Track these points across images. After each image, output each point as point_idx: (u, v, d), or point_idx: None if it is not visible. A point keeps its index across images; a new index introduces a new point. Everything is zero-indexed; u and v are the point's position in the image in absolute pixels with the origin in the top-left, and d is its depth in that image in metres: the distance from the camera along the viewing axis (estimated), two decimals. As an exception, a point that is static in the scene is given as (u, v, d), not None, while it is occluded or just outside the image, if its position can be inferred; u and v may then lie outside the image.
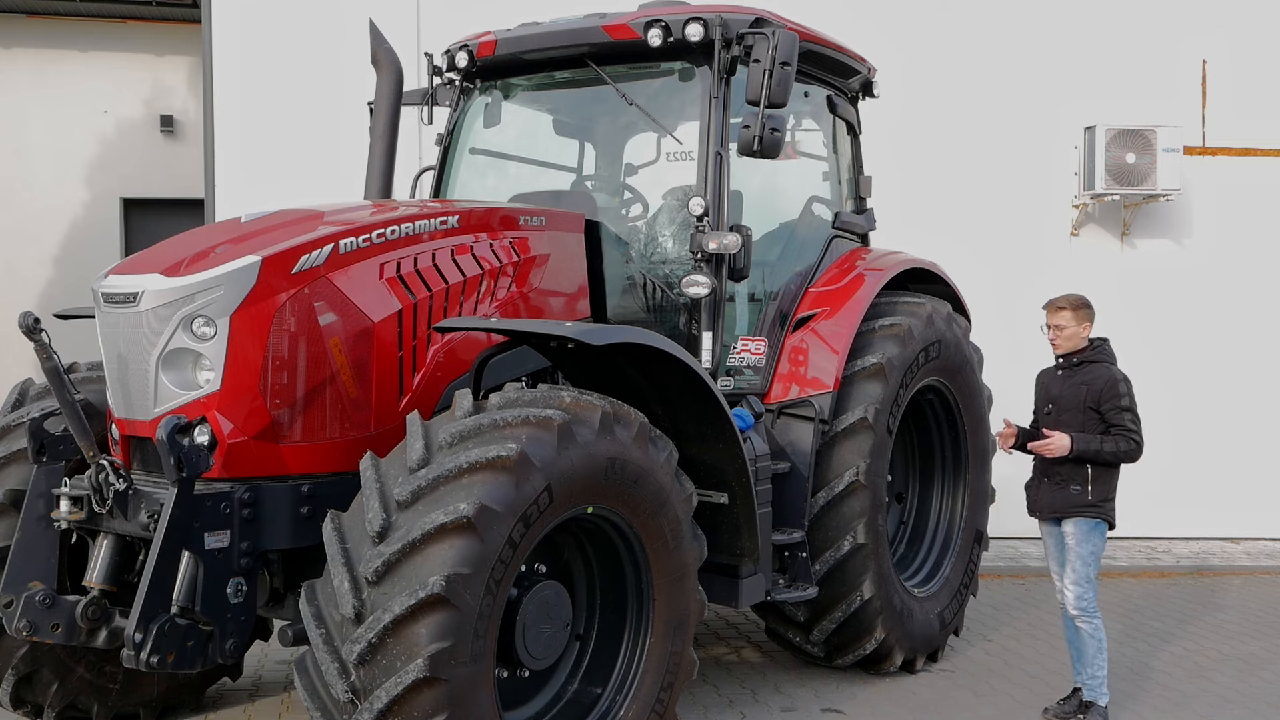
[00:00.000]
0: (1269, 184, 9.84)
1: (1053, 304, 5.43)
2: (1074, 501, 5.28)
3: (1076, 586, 5.29)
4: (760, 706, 5.61)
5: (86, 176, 12.02)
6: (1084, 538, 5.27)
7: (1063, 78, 9.57)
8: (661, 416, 4.73)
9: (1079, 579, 5.28)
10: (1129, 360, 5.62)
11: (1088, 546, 5.28)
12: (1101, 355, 5.40)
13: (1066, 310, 5.36)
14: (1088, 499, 5.26)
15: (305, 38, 9.06)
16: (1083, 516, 5.28)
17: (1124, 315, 8.79)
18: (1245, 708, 5.76)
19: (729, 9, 5.32)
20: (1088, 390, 5.29)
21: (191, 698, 5.32)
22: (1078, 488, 5.27)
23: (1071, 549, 5.31)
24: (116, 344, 4.23)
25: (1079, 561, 5.28)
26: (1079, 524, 5.29)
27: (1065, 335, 5.37)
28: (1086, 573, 5.28)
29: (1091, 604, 5.29)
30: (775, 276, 6.02)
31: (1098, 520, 5.28)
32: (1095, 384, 5.29)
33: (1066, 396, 5.37)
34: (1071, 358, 5.40)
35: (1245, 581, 8.65)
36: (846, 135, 6.55)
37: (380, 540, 3.56)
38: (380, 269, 4.55)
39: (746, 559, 5.01)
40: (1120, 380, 5.28)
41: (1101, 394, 5.25)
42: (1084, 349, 5.39)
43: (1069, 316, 5.35)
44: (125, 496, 4.08)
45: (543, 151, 6.35)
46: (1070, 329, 5.36)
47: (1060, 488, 5.32)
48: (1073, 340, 5.37)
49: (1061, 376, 5.44)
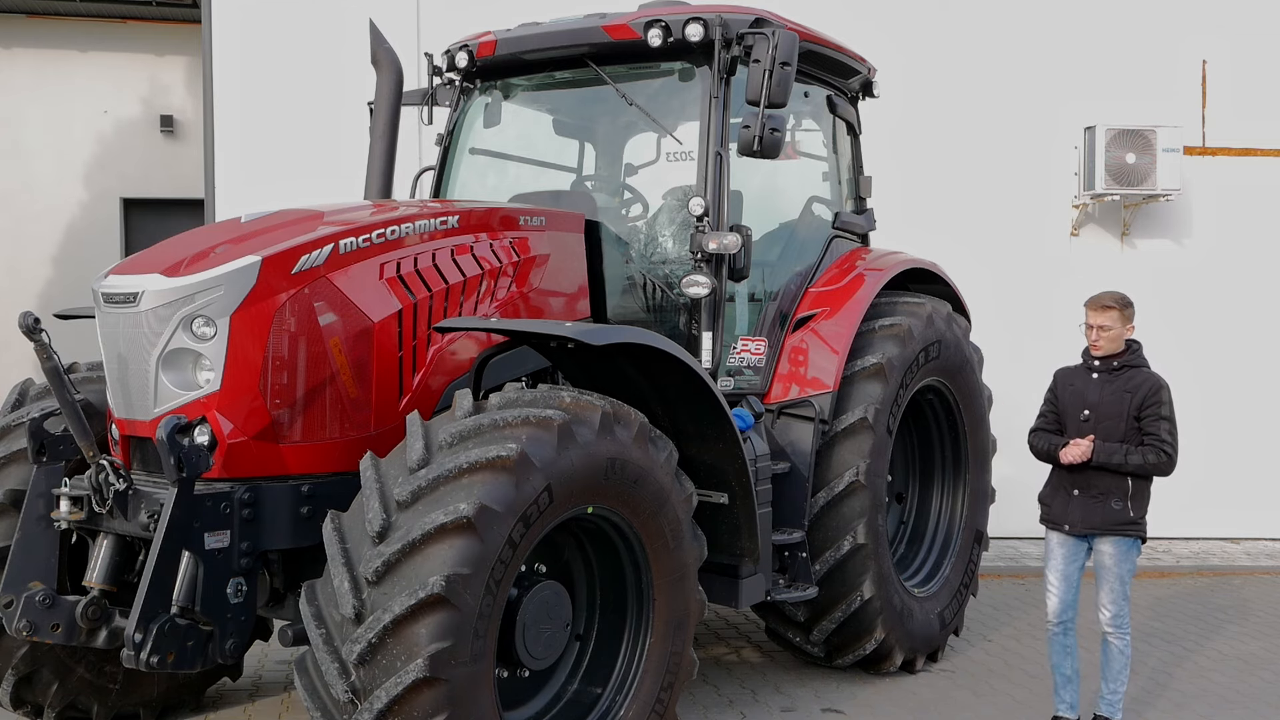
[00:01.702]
0: (1269, 184, 9.84)
1: (1097, 302, 5.07)
2: (1115, 519, 5.00)
3: (1114, 605, 5.06)
4: (760, 706, 5.61)
5: (86, 177, 12.02)
6: (1123, 557, 5.03)
7: (1063, 78, 9.57)
8: (661, 416, 4.73)
9: (1117, 597, 5.05)
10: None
11: (1126, 565, 5.04)
12: (1140, 359, 5.09)
13: (1114, 310, 5.02)
14: (1129, 516, 4.98)
15: (305, 38, 9.05)
16: (1123, 535, 5.02)
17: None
18: (1245, 708, 5.77)
19: (729, 9, 5.32)
20: (1132, 398, 4.98)
21: (191, 698, 5.32)
22: (1119, 504, 4.98)
23: (1109, 569, 5.05)
24: (116, 344, 4.23)
25: (1118, 581, 5.04)
26: (1118, 543, 5.02)
27: (1109, 336, 5.03)
28: (1125, 590, 5.05)
29: (1126, 620, 5.09)
30: (775, 276, 6.02)
31: (1135, 538, 5.04)
32: (1139, 391, 4.98)
33: (1108, 403, 5.03)
34: (1111, 361, 5.07)
35: (1245, 581, 8.65)
36: (846, 135, 6.55)
37: (380, 540, 3.56)
38: (380, 269, 4.55)
39: (746, 559, 5.01)
40: (1163, 387, 4.99)
41: (1145, 400, 4.96)
42: (1123, 352, 5.07)
43: (1115, 316, 5.02)
44: (125, 496, 4.08)
45: (543, 151, 6.35)
46: (1115, 330, 5.03)
47: (1098, 502, 5.01)
48: (1115, 342, 5.05)
49: (1099, 381, 5.09)
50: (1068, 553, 5.16)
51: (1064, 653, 5.24)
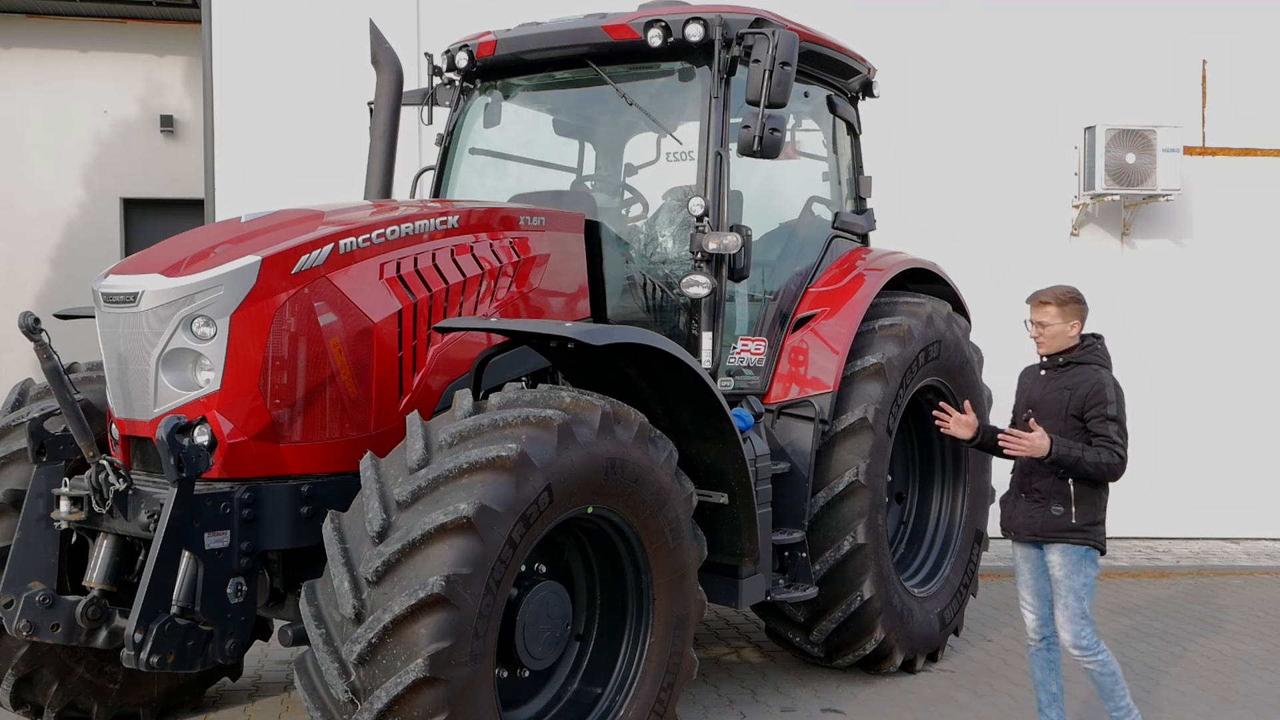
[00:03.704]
0: (1269, 184, 9.85)
1: (1035, 298, 4.79)
2: (1055, 525, 4.63)
3: (1072, 625, 4.61)
4: (760, 706, 5.61)
5: (86, 176, 12.01)
6: (1073, 569, 4.62)
7: (1063, 78, 9.57)
8: (661, 416, 4.73)
9: (1073, 615, 4.61)
10: (1127, 361, 5.47)
11: (1079, 579, 4.62)
12: (1092, 356, 4.74)
13: (1051, 305, 4.72)
14: (1071, 522, 4.60)
15: (305, 38, 9.05)
16: (1068, 543, 4.62)
17: (1124, 315, 8.79)
18: (1245, 708, 5.76)
19: (729, 9, 5.32)
20: (1071, 395, 4.65)
21: (191, 698, 5.32)
22: (1059, 509, 4.62)
23: (1060, 582, 4.65)
24: (116, 344, 4.23)
25: (1071, 597, 4.62)
26: (1066, 553, 4.63)
27: (1049, 334, 4.73)
28: (1081, 608, 4.61)
29: (1091, 639, 4.63)
30: (775, 276, 6.02)
31: (1086, 547, 4.63)
32: (1080, 388, 4.64)
33: (1047, 401, 4.72)
34: (1057, 357, 4.77)
35: (1245, 581, 8.65)
36: (846, 135, 6.55)
37: (380, 540, 3.56)
38: (380, 269, 4.55)
39: (746, 559, 5.00)
40: (1108, 385, 4.62)
41: (1086, 400, 4.61)
42: (1073, 348, 4.75)
43: (1053, 313, 4.71)
44: (125, 496, 4.08)
45: (543, 151, 6.35)
46: (1055, 327, 4.72)
47: (1039, 506, 4.68)
48: (1058, 340, 4.73)
49: (1044, 378, 4.81)
50: (1032, 565, 4.82)
51: (1048, 668, 4.93)
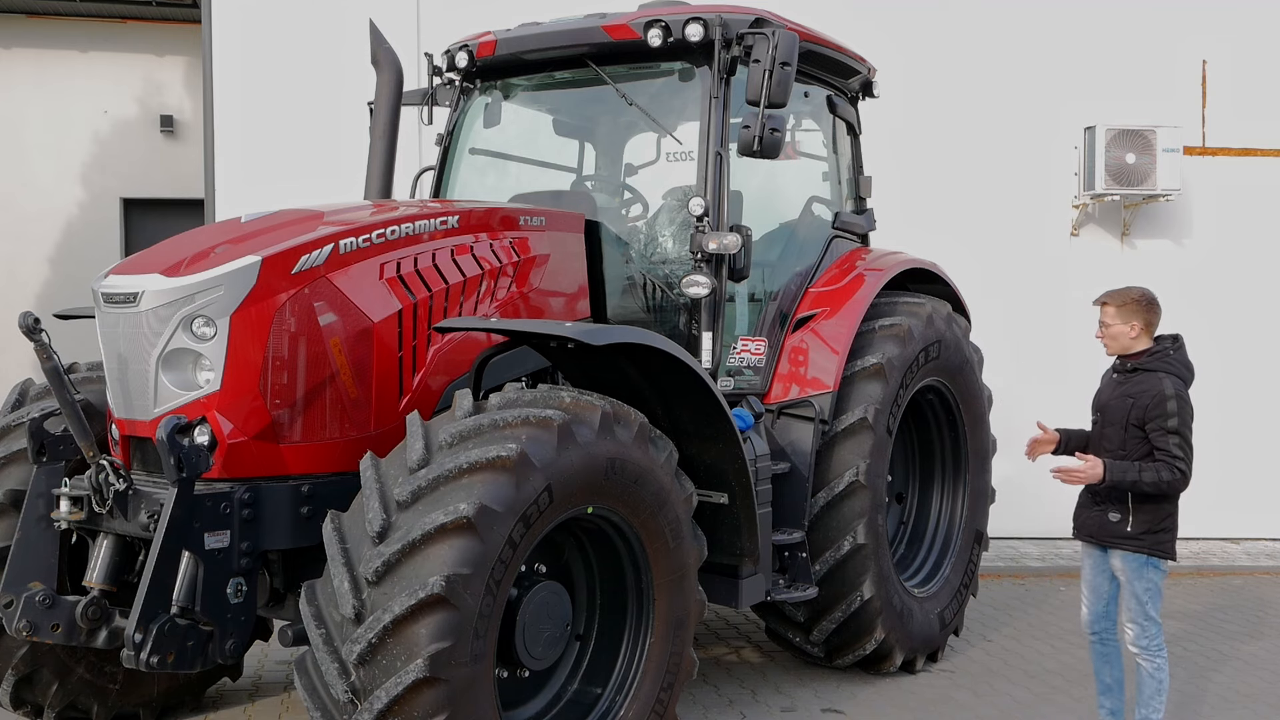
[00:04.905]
0: (1269, 184, 9.84)
1: (1100, 298, 4.82)
2: (1112, 531, 4.72)
3: (1134, 625, 4.75)
4: (760, 706, 5.61)
5: (86, 176, 12.02)
6: (1135, 574, 4.71)
7: (1063, 78, 9.57)
8: (661, 416, 4.73)
9: (1135, 617, 4.74)
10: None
11: (1140, 584, 4.71)
12: (1160, 363, 4.67)
13: (1109, 306, 4.74)
14: (1127, 530, 4.67)
15: (305, 38, 9.06)
16: (1127, 551, 4.71)
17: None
18: (1245, 708, 5.76)
19: (729, 9, 5.32)
20: (1133, 404, 4.63)
21: (191, 698, 5.32)
22: (1116, 516, 4.69)
23: (1124, 585, 4.78)
24: (116, 344, 4.23)
25: (1133, 600, 4.73)
26: (1126, 559, 4.72)
27: (1110, 334, 4.75)
28: (1144, 610, 4.71)
29: (1155, 642, 4.73)
30: (775, 276, 6.02)
31: (1147, 556, 4.68)
32: (1141, 398, 4.61)
33: (1112, 408, 4.74)
34: (1125, 362, 4.76)
35: (1245, 581, 8.65)
36: (846, 135, 6.55)
37: (380, 540, 3.56)
38: (380, 269, 4.55)
39: (746, 559, 5.00)
40: (1171, 397, 4.56)
41: (1147, 410, 4.58)
42: (1140, 353, 4.71)
43: (1112, 313, 4.72)
44: (125, 496, 4.08)
45: (543, 151, 6.35)
46: (1115, 328, 4.72)
47: (1099, 511, 4.76)
48: (1119, 341, 4.74)
49: (1114, 381, 4.81)
50: (1093, 562, 4.91)
51: (1103, 661, 5.01)
